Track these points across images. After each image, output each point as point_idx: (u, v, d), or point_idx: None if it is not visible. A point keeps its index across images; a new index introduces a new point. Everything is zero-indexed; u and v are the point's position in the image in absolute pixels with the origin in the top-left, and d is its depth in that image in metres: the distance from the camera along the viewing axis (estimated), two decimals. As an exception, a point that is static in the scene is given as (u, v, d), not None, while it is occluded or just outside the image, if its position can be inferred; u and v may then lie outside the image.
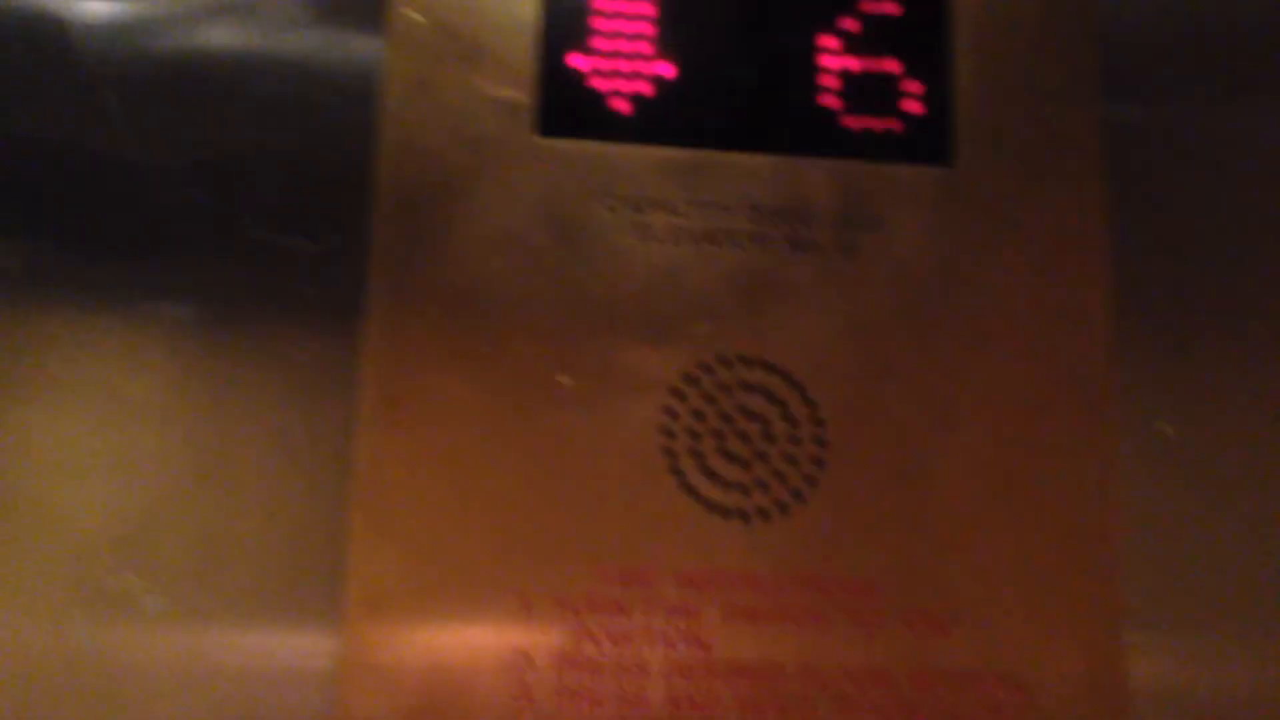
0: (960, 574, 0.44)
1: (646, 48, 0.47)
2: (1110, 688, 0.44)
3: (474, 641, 0.42)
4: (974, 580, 0.44)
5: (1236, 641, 0.45)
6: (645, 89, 0.47)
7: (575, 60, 0.46)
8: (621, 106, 0.46)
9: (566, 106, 0.46)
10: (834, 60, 0.47)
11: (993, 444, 0.45)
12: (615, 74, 0.46)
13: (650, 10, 0.47)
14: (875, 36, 0.48)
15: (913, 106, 0.48)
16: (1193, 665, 0.45)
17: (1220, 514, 0.46)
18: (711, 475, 0.44)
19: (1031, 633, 0.44)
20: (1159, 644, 0.45)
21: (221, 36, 0.46)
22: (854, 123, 0.47)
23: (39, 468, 0.42)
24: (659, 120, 0.46)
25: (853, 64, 0.48)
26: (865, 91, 0.47)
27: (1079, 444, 0.45)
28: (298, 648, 0.42)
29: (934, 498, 0.45)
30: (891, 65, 0.48)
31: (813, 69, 0.47)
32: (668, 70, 0.47)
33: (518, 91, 0.46)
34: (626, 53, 0.47)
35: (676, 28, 0.47)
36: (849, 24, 0.48)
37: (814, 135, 0.47)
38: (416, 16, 0.46)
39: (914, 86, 0.48)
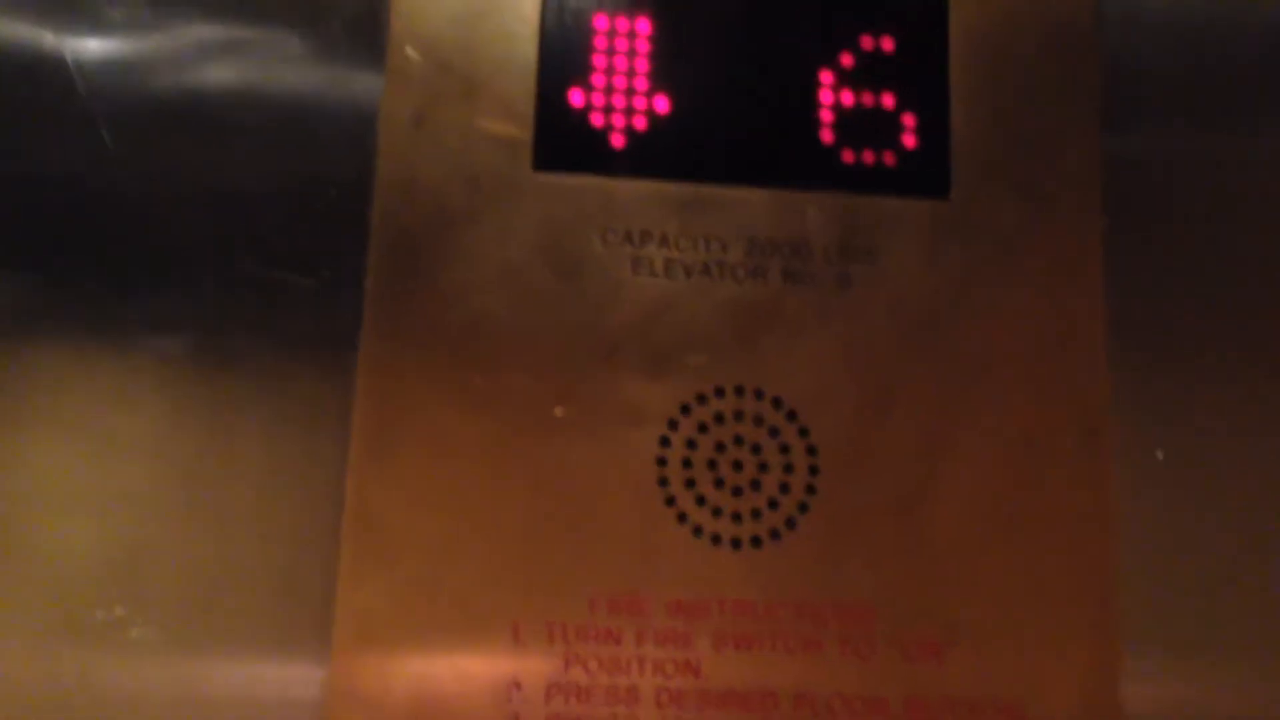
0: (955, 600, 0.44)
1: (643, 83, 0.47)
2: (1107, 713, 0.44)
3: (464, 669, 0.43)
4: (970, 606, 0.44)
5: (1234, 667, 0.45)
6: (642, 123, 0.47)
7: (572, 95, 0.47)
8: (618, 141, 0.47)
9: (563, 141, 0.46)
10: (830, 94, 0.48)
11: (988, 471, 0.45)
12: (612, 109, 0.47)
13: (647, 46, 0.47)
14: (871, 70, 0.48)
15: (909, 139, 0.48)
16: (1190, 691, 0.45)
17: (1217, 540, 0.46)
18: (704, 503, 0.45)
19: (1028, 659, 0.44)
20: (1156, 670, 0.45)
21: (220, 74, 0.46)
22: (850, 156, 0.47)
23: (30, 501, 0.43)
24: (655, 154, 0.47)
25: (849, 98, 0.48)
26: (862, 125, 0.47)
27: (1076, 470, 0.45)
28: (287, 677, 0.42)
29: (929, 524, 0.45)
30: (888, 99, 0.48)
31: (809, 103, 0.47)
32: (664, 105, 0.47)
33: (515, 127, 0.46)
34: (623, 88, 0.47)
35: (673, 63, 0.47)
36: (845, 58, 0.48)
37: (810, 168, 0.47)
38: (415, 54, 0.46)
39: (910, 120, 0.48)
